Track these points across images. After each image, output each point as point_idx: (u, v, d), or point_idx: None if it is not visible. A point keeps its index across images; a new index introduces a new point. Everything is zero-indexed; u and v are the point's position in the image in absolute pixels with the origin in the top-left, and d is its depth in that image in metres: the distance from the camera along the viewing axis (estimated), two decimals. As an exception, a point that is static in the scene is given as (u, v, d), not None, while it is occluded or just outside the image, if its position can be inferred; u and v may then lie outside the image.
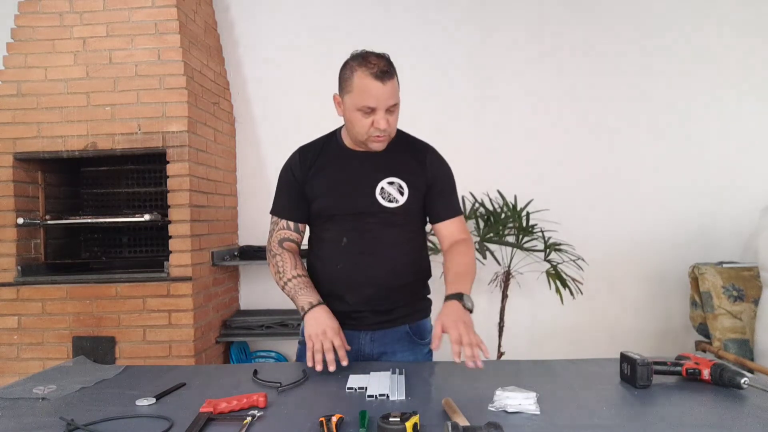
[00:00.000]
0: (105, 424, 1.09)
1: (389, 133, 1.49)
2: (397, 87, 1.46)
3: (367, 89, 1.42)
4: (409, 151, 1.59)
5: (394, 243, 1.55)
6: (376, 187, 1.53)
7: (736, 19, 3.24)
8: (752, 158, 3.24)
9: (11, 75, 2.73)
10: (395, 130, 1.53)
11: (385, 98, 1.43)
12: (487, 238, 2.99)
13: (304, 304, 1.50)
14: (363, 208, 1.53)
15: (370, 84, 1.41)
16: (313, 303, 1.49)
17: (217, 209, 3.06)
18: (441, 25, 3.33)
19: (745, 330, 2.69)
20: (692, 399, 1.19)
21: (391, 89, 1.43)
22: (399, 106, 1.49)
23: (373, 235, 1.54)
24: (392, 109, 1.46)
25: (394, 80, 1.44)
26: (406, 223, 1.57)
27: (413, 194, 1.54)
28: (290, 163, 1.62)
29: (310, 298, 1.51)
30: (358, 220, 1.54)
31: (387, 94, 1.42)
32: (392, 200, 1.53)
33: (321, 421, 1.03)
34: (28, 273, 2.70)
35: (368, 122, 1.46)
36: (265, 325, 3.01)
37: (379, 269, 1.54)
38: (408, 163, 1.57)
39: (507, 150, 3.30)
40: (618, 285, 3.30)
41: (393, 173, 1.54)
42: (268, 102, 3.39)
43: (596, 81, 3.28)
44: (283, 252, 1.59)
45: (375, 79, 1.41)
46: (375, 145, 1.51)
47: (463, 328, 1.26)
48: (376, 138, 1.48)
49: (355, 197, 1.54)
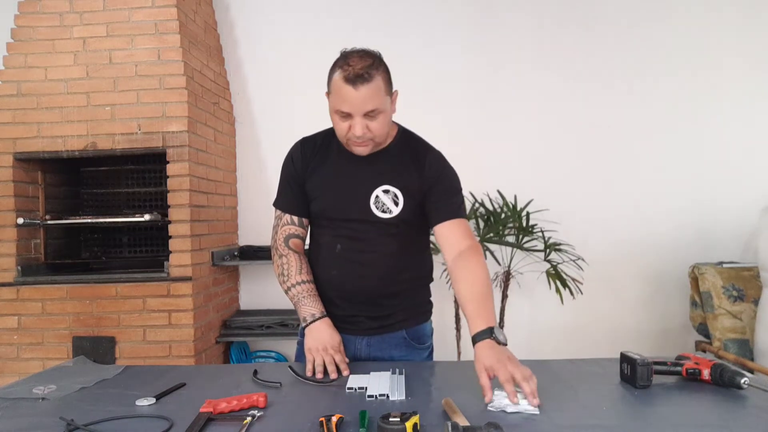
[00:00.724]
0: (105, 424, 1.09)
1: (372, 138, 1.40)
2: (377, 91, 1.34)
3: (341, 93, 1.34)
4: (409, 154, 1.51)
5: (389, 252, 1.50)
6: (371, 195, 1.47)
7: (737, 19, 3.24)
8: (752, 158, 3.24)
9: (11, 75, 2.73)
10: (383, 135, 1.43)
11: (358, 104, 1.33)
12: (487, 238, 2.99)
13: (307, 315, 1.48)
14: (357, 216, 1.48)
15: (343, 88, 1.33)
16: (316, 316, 1.47)
17: (217, 209, 3.06)
18: (441, 24, 3.33)
19: (745, 330, 2.69)
20: (692, 399, 1.18)
21: (366, 94, 1.32)
22: (386, 112, 1.38)
23: (366, 243, 1.49)
24: (372, 115, 1.36)
25: (371, 84, 1.32)
26: (401, 233, 1.50)
27: (408, 204, 1.47)
28: (292, 154, 1.57)
29: (312, 310, 1.48)
30: (352, 226, 1.49)
31: (360, 99, 1.32)
32: (386, 210, 1.46)
33: (321, 421, 1.03)
34: (28, 273, 2.70)
35: (345, 126, 1.38)
36: (265, 325, 3.01)
37: (373, 279, 1.50)
38: (407, 168, 1.49)
39: (507, 150, 3.30)
40: (618, 285, 3.30)
41: (389, 180, 1.47)
42: (268, 102, 3.39)
43: (597, 81, 3.28)
44: (290, 253, 1.55)
45: (346, 83, 1.32)
46: (356, 149, 1.43)
47: (511, 367, 1.16)
48: (354, 142, 1.41)
49: (350, 204, 1.49)
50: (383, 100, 1.37)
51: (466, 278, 1.37)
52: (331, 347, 1.42)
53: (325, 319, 1.48)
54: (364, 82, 1.32)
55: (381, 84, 1.36)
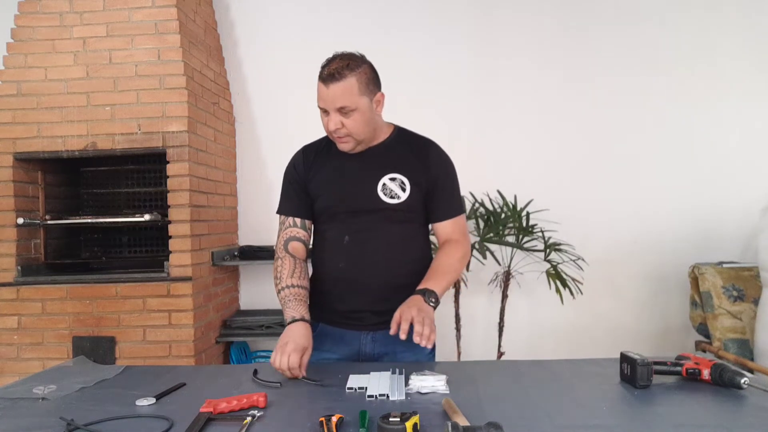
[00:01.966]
0: (105, 424, 1.09)
1: (349, 134, 1.49)
2: (348, 90, 1.44)
3: (318, 90, 1.47)
4: (411, 148, 1.59)
5: (397, 241, 1.55)
6: (378, 183, 1.53)
7: (737, 19, 3.24)
8: (752, 158, 3.24)
9: (11, 75, 2.73)
10: (361, 133, 1.50)
11: (330, 100, 1.45)
12: (487, 238, 2.99)
13: (288, 317, 1.49)
14: (364, 205, 1.53)
15: (319, 86, 1.47)
16: (296, 318, 1.48)
17: (217, 209, 3.06)
18: (442, 24, 3.32)
19: (745, 330, 2.69)
20: (692, 399, 1.18)
21: (335, 92, 1.44)
22: (361, 110, 1.47)
23: (375, 233, 1.54)
24: (345, 112, 1.46)
25: (342, 83, 1.43)
26: (409, 220, 1.57)
27: (415, 190, 1.54)
28: (294, 162, 1.64)
29: (294, 313, 1.49)
30: (359, 218, 1.54)
31: (331, 96, 1.45)
32: (394, 196, 1.53)
33: (321, 421, 1.03)
34: (28, 273, 2.70)
35: (325, 121, 1.50)
36: (265, 325, 3.01)
37: (381, 268, 1.54)
38: (410, 160, 1.56)
39: (507, 150, 3.30)
40: (618, 285, 3.30)
41: (395, 169, 1.54)
42: (268, 102, 3.39)
43: (597, 81, 3.28)
44: (286, 256, 1.58)
45: (320, 80, 1.46)
46: (340, 146, 1.53)
47: (415, 312, 1.33)
48: (335, 138, 1.51)
49: (357, 194, 1.54)
50: (356, 99, 1.46)
51: (439, 257, 1.56)
52: (292, 343, 1.38)
53: (302, 322, 1.47)
54: (334, 81, 1.44)
55: (354, 84, 1.45)
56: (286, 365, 1.34)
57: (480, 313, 3.30)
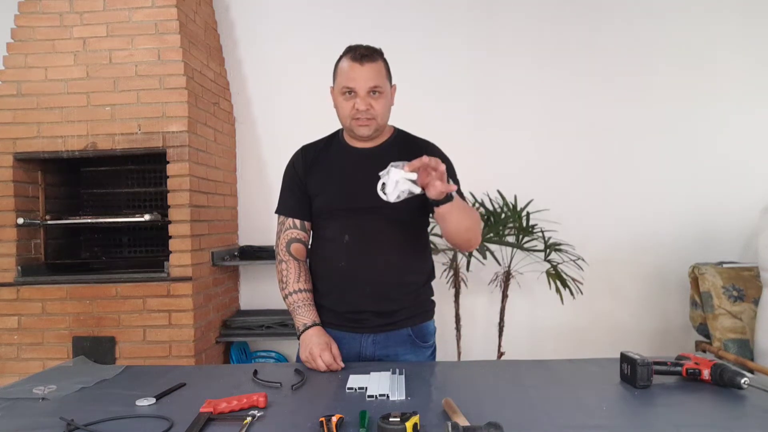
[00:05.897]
0: (105, 424, 1.09)
1: (374, 117, 1.50)
2: (380, 72, 1.49)
3: (347, 71, 1.48)
4: (409, 149, 1.58)
5: (397, 240, 1.55)
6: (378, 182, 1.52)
7: (737, 19, 3.24)
8: (752, 158, 3.24)
9: (11, 75, 2.73)
10: (383, 117, 1.53)
11: (363, 78, 1.46)
12: (487, 238, 2.98)
13: (300, 325, 1.53)
14: (364, 204, 1.52)
15: (350, 66, 1.48)
16: (308, 324, 1.51)
17: (217, 209, 3.06)
18: (442, 24, 3.32)
19: (745, 330, 2.69)
20: (692, 399, 1.18)
21: (370, 71, 1.47)
22: (386, 95, 1.51)
23: (374, 232, 1.54)
24: (375, 93, 1.48)
25: (375, 64, 1.48)
26: (408, 219, 1.57)
27: None
28: (293, 161, 1.65)
29: (305, 319, 1.52)
30: (359, 216, 1.54)
31: (365, 75, 1.46)
32: None
33: (321, 421, 1.03)
34: (28, 273, 2.70)
35: (350, 105, 1.49)
36: (265, 325, 3.01)
37: (381, 267, 1.54)
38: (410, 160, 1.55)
39: (507, 150, 3.30)
40: (618, 285, 3.30)
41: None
42: (268, 102, 3.39)
43: (597, 81, 3.28)
44: (290, 260, 1.59)
45: (353, 60, 1.47)
46: (360, 129, 1.52)
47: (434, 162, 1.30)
48: (357, 122, 1.50)
49: (356, 193, 1.53)
50: (385, 82, 1.50)
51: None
52: (320, 349, 1.44)
53: (315, 327, 1.51)
54: (369, 60, 1.47)
55: (383, 67, 1.51)
56: (323, 366, 1.41)
57: (480, 313, 3.30)
